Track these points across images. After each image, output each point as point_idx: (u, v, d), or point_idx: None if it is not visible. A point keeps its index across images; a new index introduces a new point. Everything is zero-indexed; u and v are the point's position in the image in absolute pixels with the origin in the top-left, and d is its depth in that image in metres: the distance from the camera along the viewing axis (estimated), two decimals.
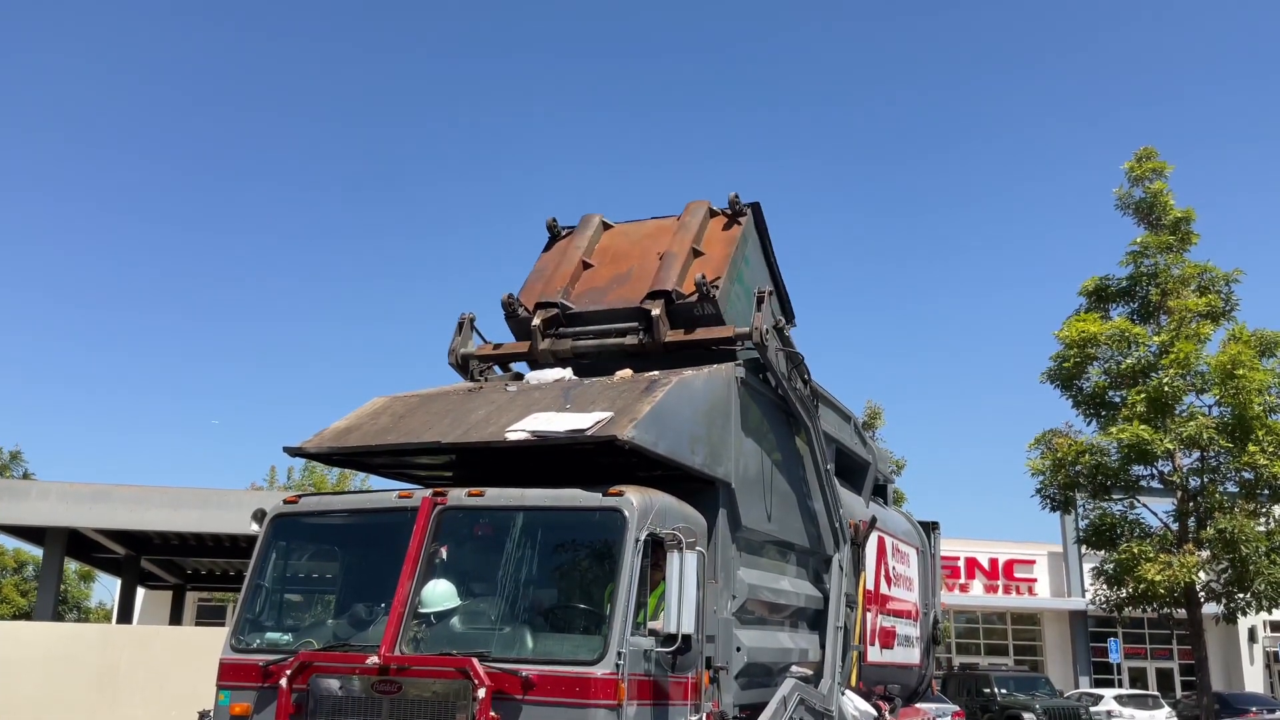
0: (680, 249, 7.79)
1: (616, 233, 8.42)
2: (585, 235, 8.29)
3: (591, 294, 7.88)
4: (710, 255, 7.84)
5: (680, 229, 8.01)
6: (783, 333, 7.52)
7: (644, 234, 8.24)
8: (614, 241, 8.31)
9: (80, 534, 17.92)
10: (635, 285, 7.75)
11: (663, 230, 8.15)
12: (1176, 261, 23.35)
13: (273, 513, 6.65)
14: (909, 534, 11.30)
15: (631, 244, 8.20)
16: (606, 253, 8.24)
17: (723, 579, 6.67)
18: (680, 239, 7.90)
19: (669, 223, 8.22)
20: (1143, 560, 21.45)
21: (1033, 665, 34.53)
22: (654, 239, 8.09)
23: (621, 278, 7.91)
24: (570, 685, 5.40)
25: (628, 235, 8.33)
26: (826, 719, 7.50)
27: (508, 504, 6.11)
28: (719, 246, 7.92)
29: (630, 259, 8.06)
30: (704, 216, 8.10)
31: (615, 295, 7.77)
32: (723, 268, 7.67)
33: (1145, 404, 21.75)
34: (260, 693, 5.93)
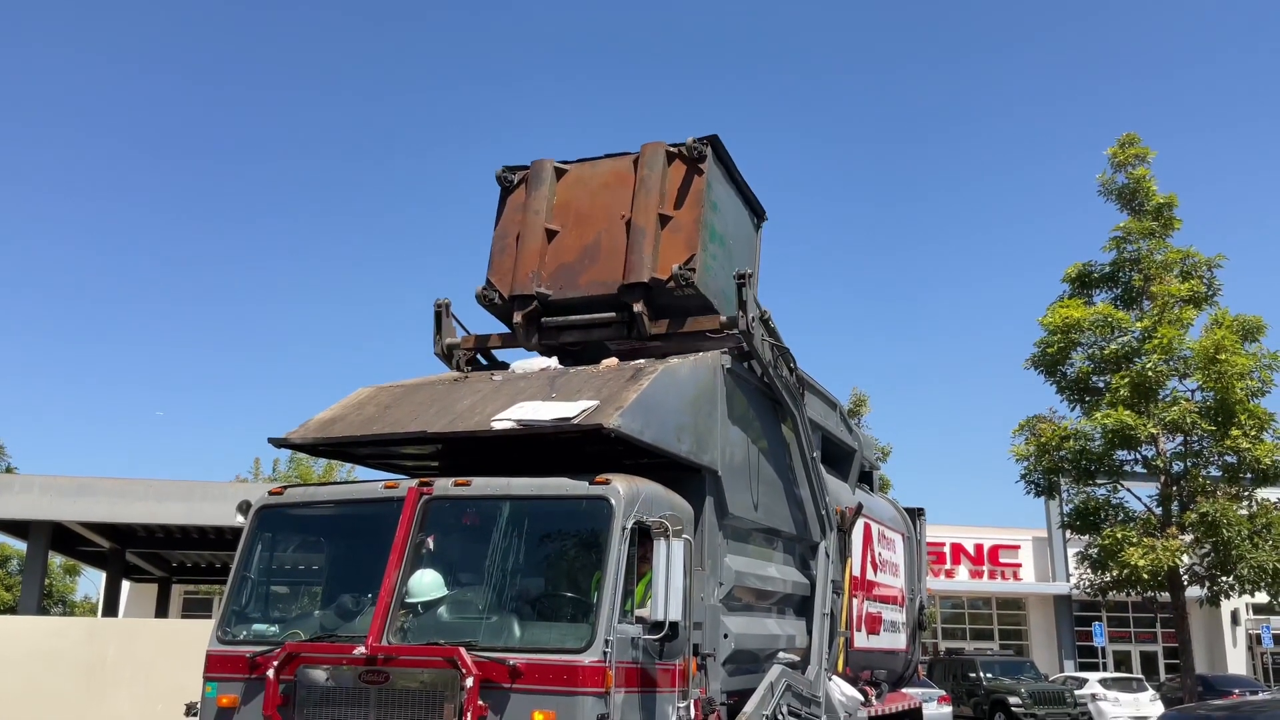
0: (647, 220, 7.44)
1: (572, 181, 7.95)
2: (541, 192, 7.87)
3: (565, 273, 7.64)
4: (680, 220, 7.49)
5: (641, 187, 7.57)
6: (768, 323, 7.51)
7: (601, 183, 7.82)
8: (572, 195, 7.89)
9: (64, 527, 17.80)
10: (607, 264, 7.52)
11: (620, 179, 7.73)
12: (1159, 247, 23.47)
13: (258, 504, 6.62)
14: (895, 520, 11.35)
15: (591, 198, 7.80)
16: (568, 211, 7.83)
17: (709, 566, 6.68)
18: (644, 203, 7.50)
19: (624, 166, 7.77)
20: (1126, 544, 21.60)
21: (1018, 650, 34.76)
22: (613, 191, 7.71)
23: (591, 251, 7.62)
24: (558, 673, 5.40)
25: (585, 184, 7.89)
26: (814, 704, 7.54)
27: (494, 493, 6.11)
28: (687, 209, 7.52)
29: (594, 222, 7.70)
30: (663, 165, 7.63)
31: (590, 277, 7.56)
32: (695, 236, 7.38)
33: (1129, 389, 21.88)
34: (247, 684, 5.92)
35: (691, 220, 7.41)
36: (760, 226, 8.43)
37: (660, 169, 7.56)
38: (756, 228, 8.38)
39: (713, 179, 7.61)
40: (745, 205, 8.17)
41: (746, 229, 8.26)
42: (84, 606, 44.89)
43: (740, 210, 8.13)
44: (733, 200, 8.01)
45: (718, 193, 7.69)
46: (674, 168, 7.58)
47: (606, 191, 7.71)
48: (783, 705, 6.92)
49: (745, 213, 8.23)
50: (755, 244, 8.40)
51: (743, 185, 8.15)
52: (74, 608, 45.44)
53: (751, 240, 8.34)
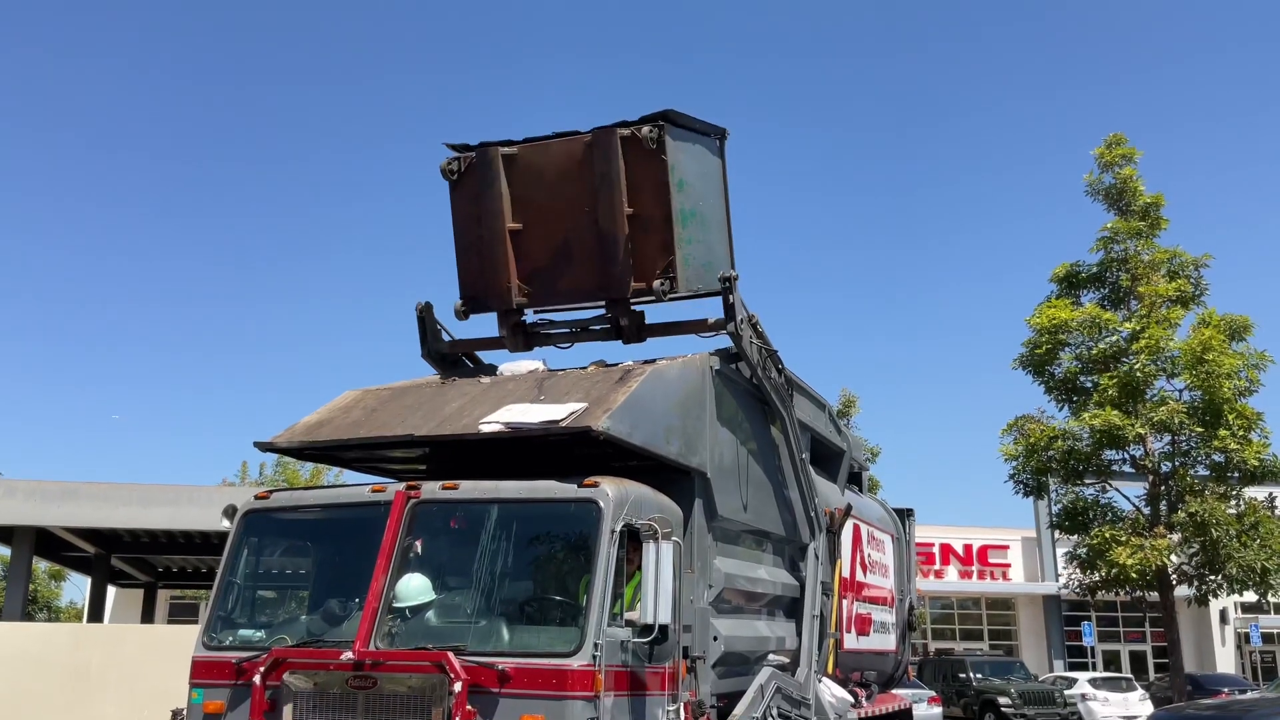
0: (615, 223, 7.03)
1: (525, 170, 7.33)
2: (495, 188, 7.31)
3: (540, 279, 7.36)
4: (650, 218, 7.04)
5: (602, 184, 7.06)
6: (756, 325, 7.49)
7: (557, 172, 7.25)
8: (528, 188, 7.33)
9: (48, 532, 17.67)
10: (582, 268, 7.24)
11: (576, 166, 7.18)
12: (1146, 247, 23.58)
13: (244, 508, 6.58)
14: (884, 521, 11.35)
15: (550, 191, 7.27)
16: (528, 207, 7.33)
17: (699, 569, 6.66)
18: (608, 203, 7.04)
19: (577, 151, 7.19)
20: (1115, 544, 21.69)
21: (1007, 650, 34.88)
22: (572, 182, 7.19)
23: (563, 254, 7.28)
24: (547, 677, 5.37)
25: (539, 174, 7.30)
26: (803, 706, 7.53)
27: (482, 496, 6.08)
28: (655, 203, 7.03)
29: (558, 218, 7.26)
30: (619, 157, 7.03)
31: (568, 283, 7.33)
32: (670, 235, 7.01)
33: (1116, 389, 21.97)
34: (233, 690, 5.87)
35: (662, 218, 7.02)
36: (723, 147, 7.72)
37: (618, 162, 7.02)
38: (719, 152, 7.68)
39: (676, 159, 7.08)
40: (705, 144, 7.53)
41: (711, 166, 7.61)
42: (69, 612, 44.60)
43: (703, 155, 7.52)
44: (695, 155, 7.41)
45: (683, 168, 7.18)
46: (632, 158, 7.01)
47: (565, 183, 7.22)
48: (773, 707, 6.90)
49: (707, 152, 7.58)
50: (721, 172, 7.71)
51: (700, 127, 7.48)
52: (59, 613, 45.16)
53: (718, 172, 7.70)
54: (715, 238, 7.46)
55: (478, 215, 7.41)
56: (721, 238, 7.58)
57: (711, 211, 7.50)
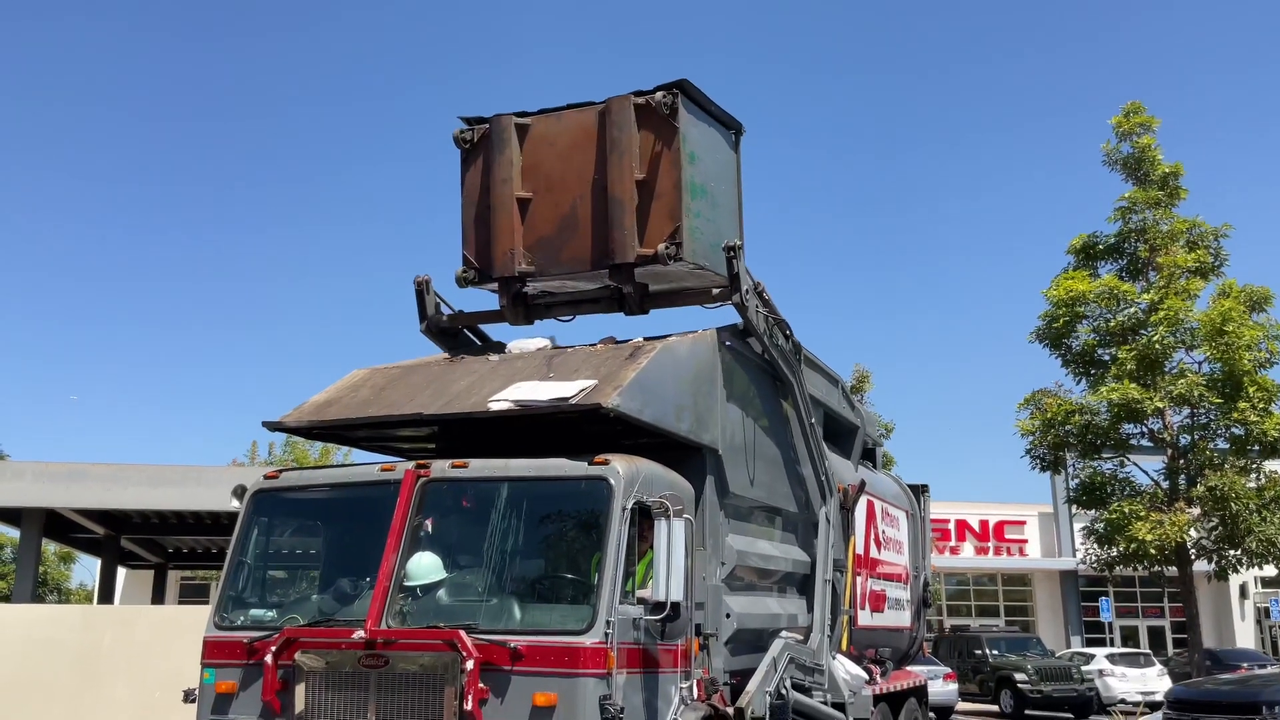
0: (623, 189, 6.92)
1: (537, 139, 7.31)
2: (505, 155, 7.28)
3: (544, 248, 7.23)
4: (659, 186, 6.92)
5: (613, 149, 6.98)
6: (762, 294, 7.33)
7: (569, 141, 7.21)
8: (540, 156, 7.30)
9: (57, 514, 17.67)
10: (587, 240, 7.11)
11: (588, 136, 7.13)
12: (1165, 217, 23.29)
13: (253, 488, 6.57)
14: (898, 497, 11.29)
15: (561, 160, 7.22)
16: (538, 175, 7.28)
17: (711, 546, 6.63)
18: (617, 168, 6.94)
19: (590, 120, 7.14)
20: (1133, 519, 21.54)
21: (1024, 626, 34.79)
22: (583, 151, 7.14)
23: (569, 223, 7.17)
24: (559, 655, 5.36)
25: (551, 143, 7.27)
26: (817, 674, 7.50)
27: (492, 475, 6.05)
28: (665, 173, 6.92)
29: (567, 187, 7.18)
30: (632, 124, 6.96)
31: (571, 253, 7.17)
32: (677, 204, 6.87)
33: (1135, 362, 21.77)
34: (245, 670, 5.89)
35: (671, 185, 6.89)
36: (738, 142, 7.70)
37: (630, 129, 6.95)
38: (735, 146, 7.68)
39: (688, 130, 6.98)
40: (721, 133, 7.51)
41: (726, 157, 7.60)
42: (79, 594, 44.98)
43: (717, 142, 7.48)
44: (709, 137, 7.35)
45: (694, 141, 7.08)
46: (645, 125, 6.96)
47: (576, 152, 7.17)
48: (786, 679, 6.88)
49: (722, 141, 7.56)
50: (736, 167, 7.71)
51: (716, 113, 7.45)
52: (69, 595, 45.55)
53: (732, 166, 7.69)
54: (725, 221, 7.30)
55: (487, 184, 7.37)
56: (732, 224, 7.44)
57: (723, 197, 7.39)
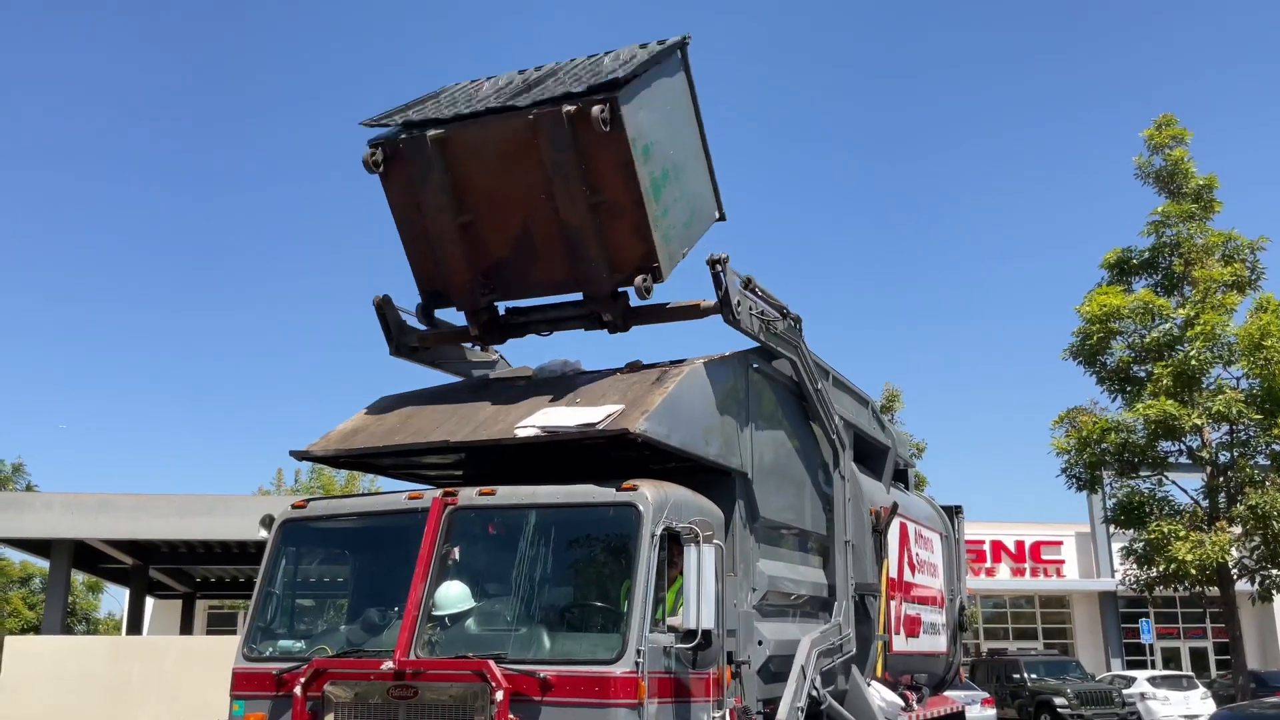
0: (578, 216, 6.28)
1: (462, 152, 6.46)
2: (432, 180, 6.47)
3: (505, 272, 6.67)
4: (618, 203, 6.25)
5: (556, 173, 6.22)
6: (754, 288, 6.77)
7: (499, 154, 6.40)
8: (470, 171, 6.50)
9: (86, 545, 17.80)
10: (550, 259, 6.51)
11: (521, 147, 6.30)
12: (1199, 230, 22.98)
13: (281, 518, 6.57)
14: (932, 519, 11.14)
15: (496, 176, 6.46)
16: (473, 193, 6.52)
17: (742, 571, 6.56)
18: (566, 194, 6.25)
19: (519, 129, 6.26)
20: (1173, 539, 21.15)
21: (1063, 649, 34.23)
22: (520, 165, 6.34)
23: (524, 244, 6.54)
24: (589, 685, 5.30)
25: (480, 156, 6.46)
26: (846, 642, 7.43)
27: (520, 502, 6.02)
28: (622, 188, 6.21)
29: (512, 205, 6.48)
30: (569, 140, 6.13)
31: (538, 275, 6.63)
32: (644, 219, 6.27)
33: (1171, 378, 21.43)
34: (275, 702, 5.86)
35: (631, 201, 6.23)
36: (686, 60, 6.84)
37: (569, 149, 6.14)
38: (682, 66, 6.82)
39: (636, 128, 6.22)
40: (667, 76, 6.67)
41: (678, 98, 6.75)
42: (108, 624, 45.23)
43: (667, 92, 6.65)
44: (657, 101, 6.54)
45: (646, 129, 6.32)
46: (585, 138, 6.11)
47: (512, 167, 6.37)
48: (816, 679, 6.74)
49: (671, 86, 6.70)
50: (690, 96, 6.87)
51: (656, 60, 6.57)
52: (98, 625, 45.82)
53: (686, 98, 6.85)
54: (694, 181, 6.77)
55: (420, 209, 6.65)
56: (700, 172, 6.86)
57: (685, 152, 6.75)
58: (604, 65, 6.59)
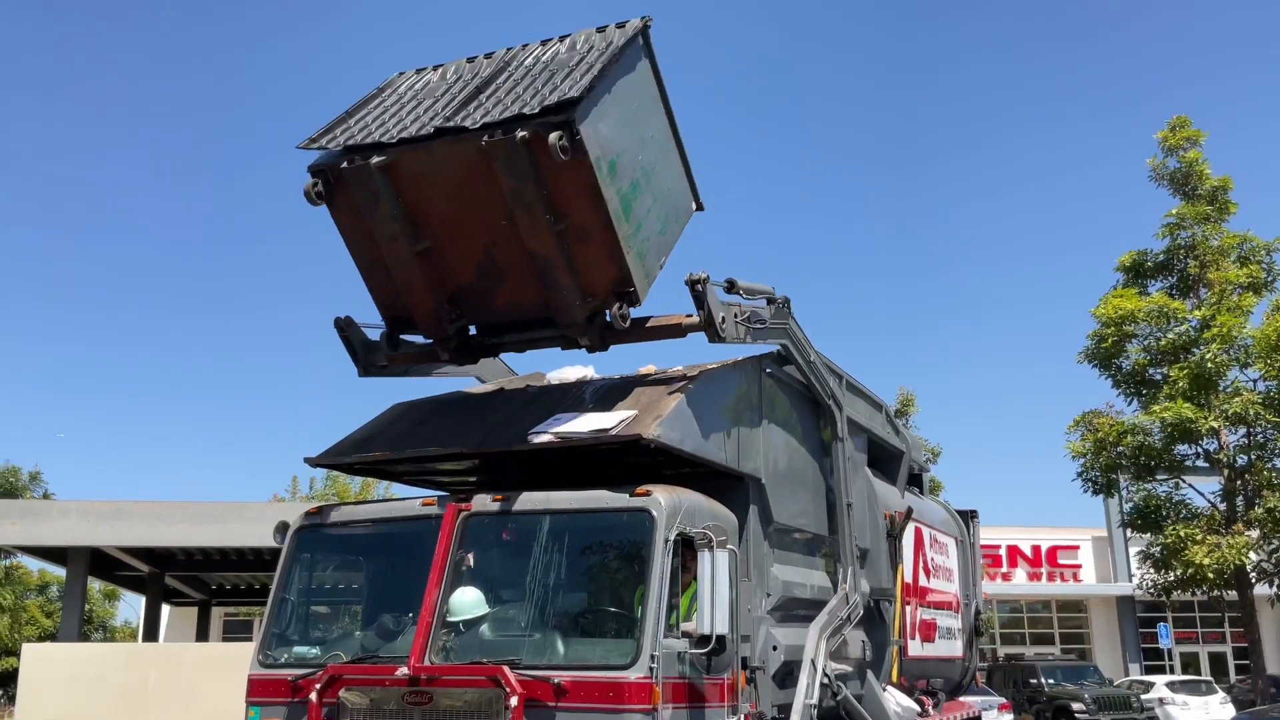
0: (545, 245, 5.83)
1: (411, 178, 5.95)
2: (382, 210, 5.97)
3: (470, 297, 6.30)
4: (585, 225, 5.82)
5: (515, 201, 5.74)
6: (735, 289, 6.41)
7: (452, 179, 5.91)
8: (422, 197, 6.00)
9: (102, 552, 17.89)
10: (518, 282, 6.12)
11: (474, 171, 5.81)
12: (1215, 232, 22.87)
13: (295, 525, 6.59)
14: (947, 523, 11.09)
15: (451, 200, 5.98)
16: (428, 218, 6.04)
17: (756, 577, 6.55)
18: (529, 224, 5.79)
19: (470, 154, 5.76)
20: (1190, 543, 21.02)
21: (1080, 654, 34.01)
22: (475, 190, 5.86)
23: (488, 269, 6.14)
24: (604, 691, 5.29)
25: (431, 179, 5.94)
26: (854, 612, 7.32)
27: (533, 508, 6.02)
28: (588, 212, 5.78)
29: (471, 230, 6.04)
30: (529, 171, 5.63)
31: (505, 298, 6.26)
32: (614, 242, 5.86)
33: (1188, 381, 21.31)
34: (290, 708, 5.87)
35: (600, 224, 5.81)
36: (649, 45, 6.35)
37: (526, 174, 5.63)
38: (644, 53, 6.32)
39: (599, 147, 5.73)
40: (628, 71, 6.15)
41: (643, 90, 6.28)
42: (124, 631, 45.40)
43: (630, 89, 6.15)
44: (620, 105, 6.05)
45: (610, 142, 5.85)
46: (543, 165, 5.61)
47: (467, 192, 5.91)
48: (826, 666, 6.67)
49: (633, 82, 6.20)
50: (655, 84, 6.40)
51: (616, 58, 6.06)
52: (114, 633, 45.98)
53: (652, 89, 6.38)
54: (667, 177, 6.38)
55: (371, 238, 6.16)
56: (672, 165, 6.46)
57: (655, 150, 6.30)
58: (559, 60, 6.08)
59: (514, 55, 6.46)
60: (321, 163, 6.06)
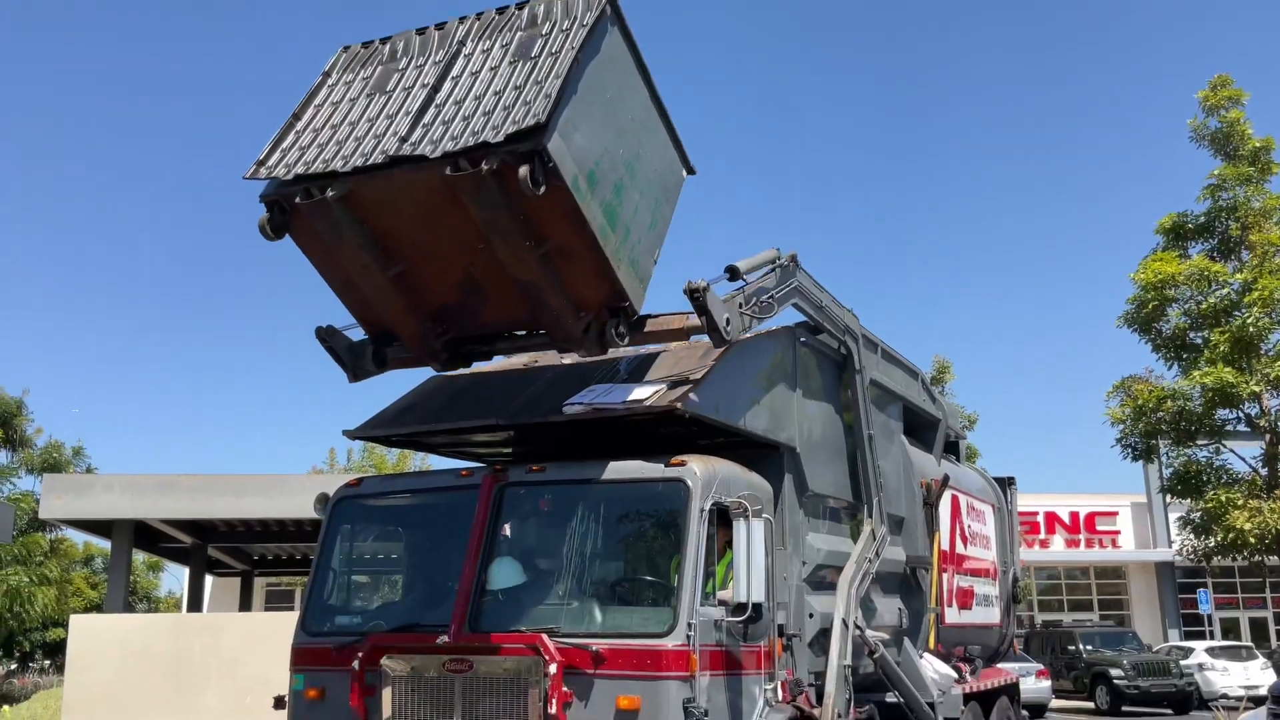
0: (528, 270, 5.43)
1: (372, 205, 5.46)
2: (346, 240, 5.52)
3: (454, 314, 5.97)
4: (570, 249, 5.39)
5: (493, 232, 5.28)
6: (736, 274, 6.13)
7: (419, 206, 5.41)
8: (387, 224, 5.54)
9: (146, 525, 18.14)
10: (503, 300, 5.76)
11: (442, 199, 5.30)
12: (1257, 193, 22.42)
13: (335, 497, 6.68)
14: (984, 491, 11.04)
15: (420, 227, 5.53)
16: (398, 242, 5.60)
17: (791, 545, 6.57)
18: (509, 252, 5.36)
19: (433, 182, 5.24)
20: (1231, 508, 20.79)
21: (1119, 620, 33.79)
22: (445, 216, 5.37)
23: (470, 288, 5.78)
24: (641, 658, 5.35)
25: (395, 207, 5.47)
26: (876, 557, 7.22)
27: (569, 478, 6.09)
28: (570, 234, 5.33)
29: (446, 253, 5.61)
30: (500, 200, 5.13)
31: (492, 314, 5.93)
32: (602, 259, 5.45)
33: (1229, 344, 20.99)
34: (333, 676, 5.97)
35: (586, 245, 5.36)
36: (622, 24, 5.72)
37: (497, 203, 5.14)
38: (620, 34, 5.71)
39: (576, 164, 5.23)
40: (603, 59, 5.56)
41: (621, 74, 5.74)
42: (169, 602, 46.27)
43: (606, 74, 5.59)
44: (596, 104, 5.50)
45: (589, 150, 5.35)
46: (515, 194, 5.08)
47: (436, 218, 5.44)
48: (857, 616, 6.69)
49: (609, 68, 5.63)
50: (633, 63, 5.84)
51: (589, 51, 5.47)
52: (159, 604, 46.88)
53: (630, 70, 5.83)
54: (653, 156, 5.91)
55: (342, 268, 5.77)
56: (658, 139, 5.97)
57: (638, 133, 5.80)
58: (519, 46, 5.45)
59: (469, 32, 5.73)
60: (272, 194, 5.52)
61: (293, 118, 5.76)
